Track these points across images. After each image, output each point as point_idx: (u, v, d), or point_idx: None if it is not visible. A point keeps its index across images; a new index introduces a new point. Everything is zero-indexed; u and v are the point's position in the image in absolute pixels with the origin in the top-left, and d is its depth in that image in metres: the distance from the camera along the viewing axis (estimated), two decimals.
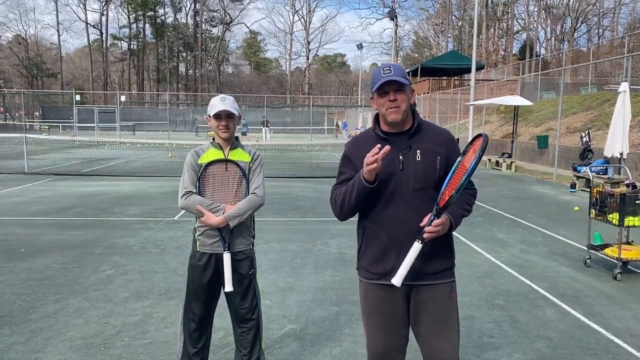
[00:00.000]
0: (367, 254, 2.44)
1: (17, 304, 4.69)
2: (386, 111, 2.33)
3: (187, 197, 2.94)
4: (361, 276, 2.50)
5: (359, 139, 2.51)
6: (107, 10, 72.30)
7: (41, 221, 8.35)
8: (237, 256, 3.01)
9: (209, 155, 3.00)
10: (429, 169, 2.35)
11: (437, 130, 2.48)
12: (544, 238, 7.66)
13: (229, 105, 2.94)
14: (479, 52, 52.69)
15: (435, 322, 2.40)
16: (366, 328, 2.53)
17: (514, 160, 18.05)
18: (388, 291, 2.38)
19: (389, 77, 2.28)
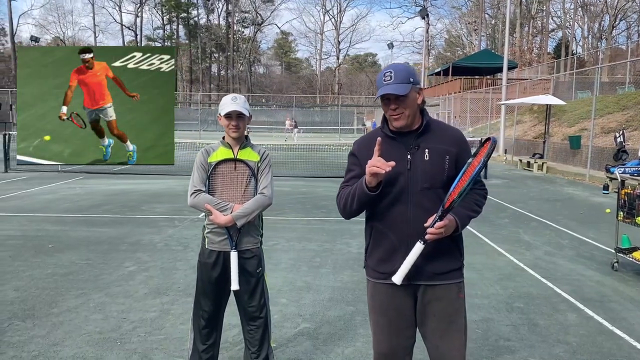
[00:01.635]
0: (374, 253, 2.43)
1: (41, 297, 4.82)
2: (390, 118, 2.32)
3: (196, 196, 2.97)
4: (368, 276, 2.49)
5: (367, 138, 2.49)
6: (142, 12, 73.82)
7: (71, 218, 8.56)
8: (245, 255, 3.03)
9: (219, 154, 3.03)
10: (437, 168, 2.32)
11: (446, 129, 2.45)
12: (571, 240, 7.48)
13: (240, 105, 2.96)
14: (512, 51, 51.79)
15: (441, 322, 2.37)
16: (373, 327, 2.52)
17: (546, 161, 17.67)
18: (395, 291, 2.37)
19: (388, 87, 2.25)
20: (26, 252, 6.37)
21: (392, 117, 2.31)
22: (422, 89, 2.43)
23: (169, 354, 3.73)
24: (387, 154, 2.25)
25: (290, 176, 14.56)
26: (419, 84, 2.34)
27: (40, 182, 12.93)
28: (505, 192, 12.44)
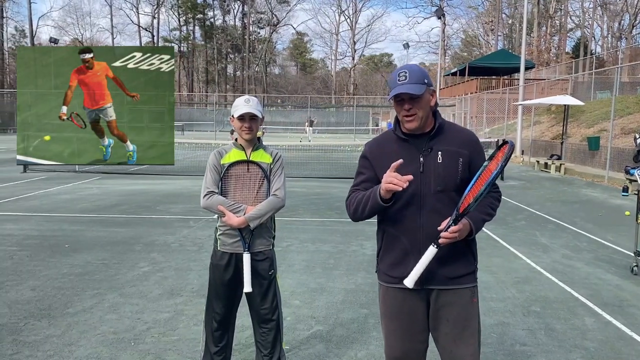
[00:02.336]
0: (386, 257, 2.41)
1: (56, 297, 4.86)
2: (402, 120, 2.28)
3: (209, 197, 2.97)
4: (380, 280, 2.47)
5: (378, 140, 2.47)
6: (159, 13, 74.47)
7: (87, 218, 8.65)
8: (257, 257, 3.02)
9: (231, 155, 3.02)
10: (450, 170, 2.29)
11: (460, 131, 2.41)
12: (589, 243, 7.36)
13: (253, 108, 2.95)
14: (530, 51, 51.23)
15: (455, 327, 2.34)
16: (384, 332, 2.49)
17: (564, 163, 17.44)
18: (407, 295, 2.35)
19: (402, 87, 2.21)
20: (43, 252, 6.44)
21: (405, 119, 2.27)
22: (435, 91, 2.39)
23: (182, 355, 3.74)
24: (400, 157, 2.22)
25: (304, 177, 14.56)
26: (432, 86, 2.31)
27: (58, 182, 13.08)
28: (521, 193, 12.30)
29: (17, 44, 70.71)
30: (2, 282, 5.26)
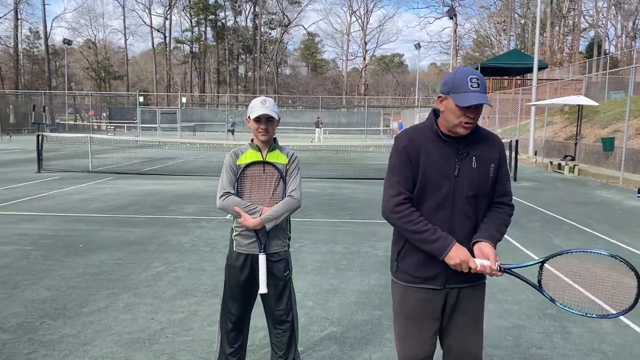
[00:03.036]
0: (410, 257, 2.38)
1: (72, 297, 4.89)
2: (459, 124, 2.23)
3: (225, 198, 2.97)
4: (400, 279, 2.45)
5: (416, 134, 2.36)
6: (171, 14, 74.88)
7: (101, 218, 8.70)
8: (273, 258, 3.02)
9: (248, 156, 3.02)
10: (483, 176, 2.33)
11: (490, 135, 2.42)
12: (604, 245, 7.28)
13: (270, 109, 2.95)
14: (543, 51, 50.84)
15: (471, 318, 2.43)
16: (401, 333, 2.47)
17: (577, 163, 17.27)
18: (429, 295, 2.37)
19: (479, 98, 2.17)
20: (58, 252, 6.49)
21: (465, 125, 2.22)
22: None
23: (197, 355, 3.75)
24: (439, 158, 2.26)
25: (316, 177, 14.55)
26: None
27: (72, 182, 13.18)
28: (535, 195, 12.20)
29: (31, 45, 71.44)
30: (18, 282, 5.30)
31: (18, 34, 64.95)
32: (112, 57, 77.62)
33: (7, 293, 4.97)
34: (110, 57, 76.98)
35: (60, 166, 16.50)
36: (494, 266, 2.23)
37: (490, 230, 2.33)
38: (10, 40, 64.91)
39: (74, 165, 16.87)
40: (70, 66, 69.66)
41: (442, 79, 2.83)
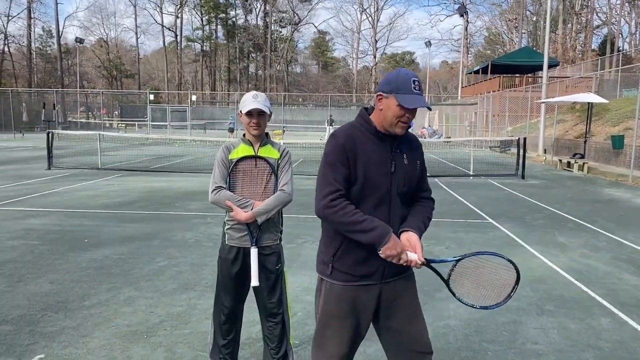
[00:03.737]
0: (348, 256, 2.34)
1: (74, 290, 4.96)
2: (397, 124, 2.27)
3: (217, 192, 3.00)
4: (335, 279, 2.37)
5: (353, 133, 2.34)
6: (182, 13, 75.21)
7: (107, 214, 8.80)
8: (265, 251, 3.05)
9: (240, 151, 3.06)
10: (413, 173, 2.40)
11: (413, 137, 2.51)
12: (609, 243, 7.23)
13: (261, 103, 2.98)
14: (554, 48, 50.38)
15: (410, 310, 2.43)
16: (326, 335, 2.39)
17: (587, 161, 17.14)
18: (363, 292, 2.36)
19: (422, 100, 2.25)
20: (63, 246, 6.57)
21: (401, 125, 2.28)
22: None
23: (193, 348, 3.79)
24: (376, 156, 2.29)
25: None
26: None
27: (81, 179, 13.33)
28: (542, 192, 12.13)
29: (44, 44, 72.11)
30: (22, 275, 5.39)
31: (31, 33, 65.63)
32: (123, 56, 78.19)
33: (11, 286, 5.06)
34: (122, 56, 77.58)
35: (70, 163, 16.67)
36: (421, 258, 2.24)
37: (417, 221, 2.36)
38: (23, 39, 65.64)
39: (83, 162, 17.04)
40: (82, 65, 70.28)
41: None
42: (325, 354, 2.39)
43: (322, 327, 2.41)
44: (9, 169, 15.41)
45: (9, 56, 65.36)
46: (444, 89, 77.60)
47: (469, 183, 13.84)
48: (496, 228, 8.08)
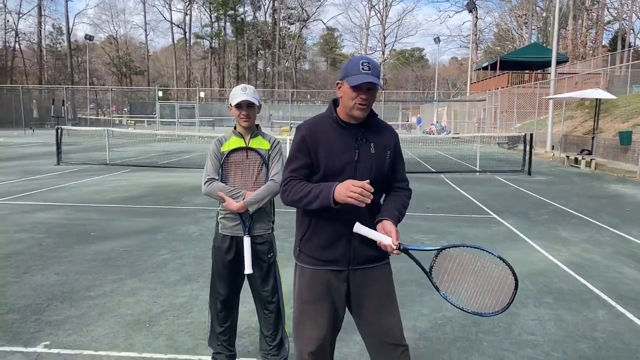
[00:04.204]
0: (313, 240, 2.41)
1: (79, 281, 5.07)
2: (354, 106, 2.31)
3: (210, 184, 3.08)
4: (303, 262, 2.46)
5: (316, 123, 2.43)
6: (191, 10, 75.47)
7: (115, 208, 8.92)
8: (257, 240, 3.13)
9: (231, 143, 3.13)
10: (381, 161, 2.41)
11: (386, 126, 2.52)
12: (612, 238, 7.24)
13: (250, 95, 3.05)
14: (564, 44, 50.08)
15: (379, 300, 2.44)
16: (302, 320, 2.44)
17: (594, 158, 17.06)
18: (332, 277, 2.41)
19: (368, 77, 2.26)
20: (70, 239, 6.69)
21: (358, 106, 2.30)
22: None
23: (194, 336, 3.87)
24: (338, 144, 2.33)
25: None
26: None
27: (89, 174, 13.48)
28: (547, 188, 12.11)
29: (54, 41, 72.59)
30: (29, 267, 5.50)
31: (41, 30, 66.13)
32: (133, 53, 78.62)
33: (18, 277, 5.17)
34: (131, 53, 77.99)
35: (79, 159, 16.85)
36: (395, 242, 2.25)
37: (392, 209, 2.39)
38: (34, 36, 66.17)
39: (92, 158, 17.22)
40: (92, 62, 70.74)
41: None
42: (304, 337, 2.44)
43: (299, 312, 2.47)
44: (19, 165, 15.61)
45: (20, 53, 65.94)
46: (454, 86, 77.32)
47: (475, 179, 13.84)
48: (499, 223, 8.11)
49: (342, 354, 3.59)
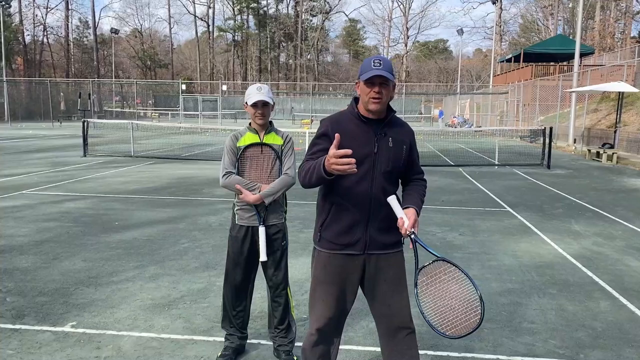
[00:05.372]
0: (332, 226, 2.62)
1: (104, 268, 5.37)
2: (369, 100, 2.51)
3: (228, 177, 3.31)
4: (322, 247, 2.67)
5: (338, 118, 2.64)
6: (214, 3, 75.97)
7: (138, 199, 9.25)
8: (271, 229, 3.35)
9: (246, 139, 3.35)
10: (398, 155, 2.63)
11: (402, 123, 2.73)
12: (624, 232, 7.29)
13: (265, 95, 3.26)
14: (592, 36, 49.13)
15: (392, 284, 2.66)
16: (321, 296, 2.66)
17: (616, 151, 16.90)
18: (348, 261, 2.63)
19: (378, 71, 2.46)
20: (95, 228, 7.02)
21: (371, 100, 2.50)
22: (395, 85, 2.66)
23: (209, 320, 4.12)
24: (359, 137, 2.53)
25: None
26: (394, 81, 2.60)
27: (114, 166, 13.90)
28: (565, 182, 12.11)
29: (80, 34, 73.87)
30: (58, 253, 5.83)
31: (69, 24, 67.37)
32: (157, 46, 79.58)
33: (47, 263, 5.49)
34: (156, 46, 78.96)
35: (105, 151, 17.33)
36: (409, 229, 2.47)
37: (415, 198, 2.64)
38: (61, 30, 67.47)
39: (117, 150, 17.68)
40: (117, 55, 71.86)
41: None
42: (315, 314, 2.71)
43: (313, 290, 2.73)
44: (48, 156, 16.14)
45: (48, 47, 67.34)
46: (478, 78, 76.51)
47: (493, 172, 13.87)
48: (513, 216, 8.20)
49: (347, 337, 3.79)
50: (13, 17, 60.07)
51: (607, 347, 3.75)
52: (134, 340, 3.74)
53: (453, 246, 6.37)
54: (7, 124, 38.48)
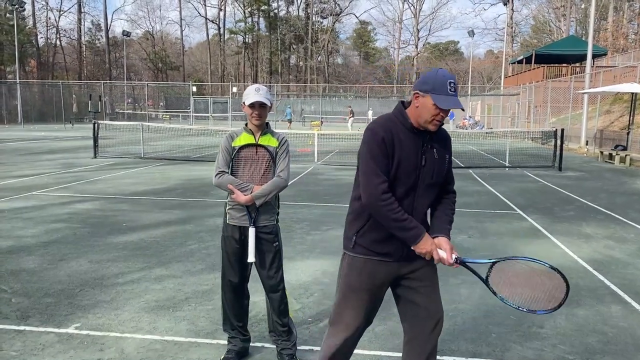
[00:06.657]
0: (370, 235, 2.57)
1: (110, 269, 5.36)
2: (432, 121, 2.44)
3: (221, 176, 3.29)
4: (357, 253, 2.60)
5: (391, 126, 2.51)
6: (225, 5, 76.32)
7: (146, 200, 9.26)
8: (263, 230, 3.33)
9: (242, 139, 3.33)
10: (442, 167, 2.58)
11: (443, 132, 2.65)
12: (636, 235, 7.17)
13: (263, 96, 3.23)
14: (605, 37, 48.65)
15: (429, 287, 2.63)
16: (352, 303, 2.61)
17: (629, 153, 16.69)
18: (383, 267, 2.58)
19: (456, 102, 2.41)
20: (103, 229, 7.02)
21: (435, 123, 2.45)
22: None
23: (213, 322, 4.09)
24: (410, 149, 2.47)
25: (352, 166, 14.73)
26: None
27: (124, 167, 13.96)
28: (577, 185, 11.97)
29: (93, 37, 74.52)
30: (64, 254, 5.83)
31: (81, 27, 67.98)
32: (168, 48, 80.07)
33: (54, 264, 5.50)
34: (167, 48, 79.45)
35: (115, 152, 17.42)
36: (450, 260, 2.46)
37: (443, 223, 2.60)
38: (74, 33, 68.10)
39: (127, 151, 17.77)
40: (129, 57, 72.34)
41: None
42: (342, 322, 2.65)
43: (343, 297, 2.65)
44: (58, 158, 16.26)
45: (61, 49, 67.98)
46: (489, 79, 76.09)
47: (504, 174, 13.75)
48: (523, 219, 8.11)
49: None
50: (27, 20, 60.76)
51: (618, 353, 3.67)
52: (137, 343, 3.72)
53: (462, 249, 6.29)
54: (20, 125, 38.89)
